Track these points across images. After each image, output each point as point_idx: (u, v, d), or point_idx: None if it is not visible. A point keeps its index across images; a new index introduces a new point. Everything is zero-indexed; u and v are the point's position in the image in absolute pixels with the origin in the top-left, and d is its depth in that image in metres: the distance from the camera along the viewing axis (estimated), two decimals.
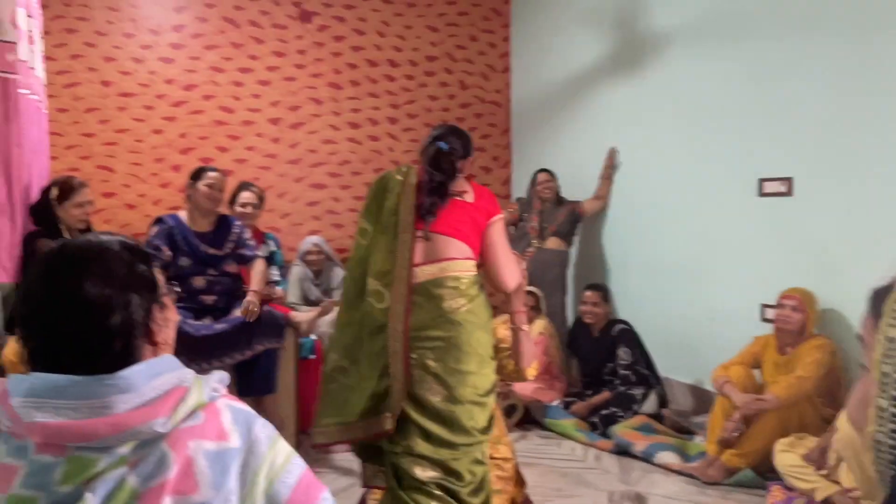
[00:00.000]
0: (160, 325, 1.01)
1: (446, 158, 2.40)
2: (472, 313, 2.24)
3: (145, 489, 0.87)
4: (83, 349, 0.93)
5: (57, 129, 4.85)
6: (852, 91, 3.35)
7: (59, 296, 0.93)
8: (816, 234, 3.54)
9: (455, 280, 2.25)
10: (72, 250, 0.98)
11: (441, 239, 2.29)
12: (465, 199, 2.39)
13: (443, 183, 2.36)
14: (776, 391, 3.21)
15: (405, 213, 2.31)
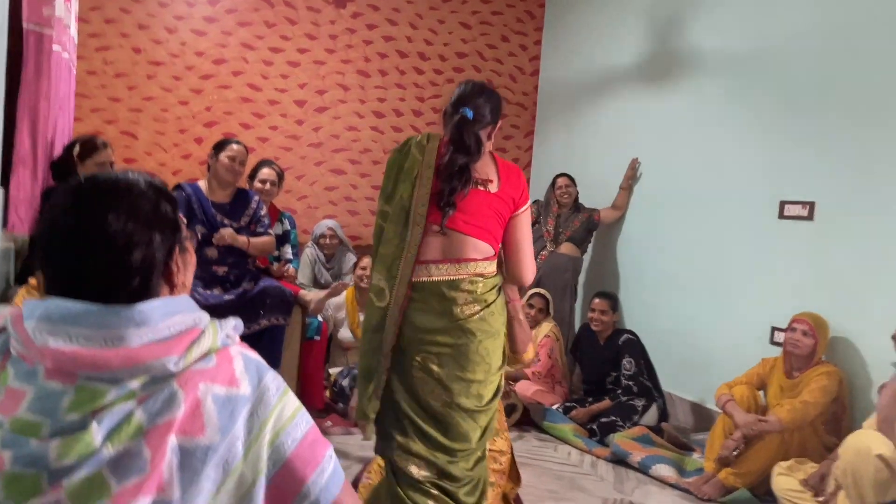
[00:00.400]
0: (179, 267, 1.01)
1: (471, 131, 2.12)
2: (485, 321, 2.08)
3: (152, 426, 0.87)
4: (101, 281, 0.92)
5: (84, 91, 4.88)
6: (879, 114, 3.32)
7: (82, 225, 0.93)
8: (834, 260, 3.51)
9: (472, 283, 2.07)
10: (100, 183, 0.97)
11: (459, 237, 2.09)
12: (490, 189, 2.14)
13: (466, 166, 2.09)
14: (780, 414, 3.18)
15: (419, 202, 2.09)
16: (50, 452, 0.84)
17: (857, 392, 3.34)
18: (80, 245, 0.92)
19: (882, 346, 3.21)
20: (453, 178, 2.08)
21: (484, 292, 2.09)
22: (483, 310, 2.08)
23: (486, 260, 2.12)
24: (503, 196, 2.15)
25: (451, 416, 2.05)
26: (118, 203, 0.95)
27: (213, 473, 0.88)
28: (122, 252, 0.93)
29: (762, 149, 3.95)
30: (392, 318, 2.06)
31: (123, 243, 0.93)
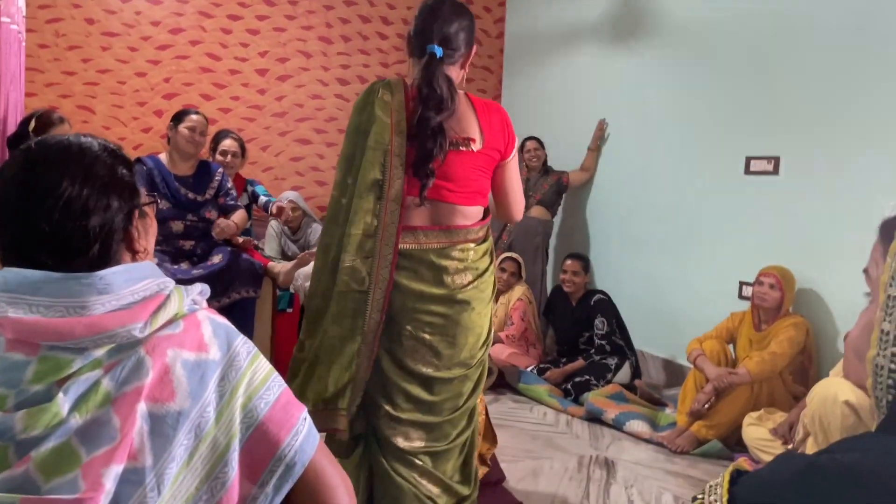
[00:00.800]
0: (140, 232, 0.98)
1: (441, 74, 1.84)
2: (479, 290, 1.95)
3: (120, 393, 0.85)
4: (60, 249, 0.89)
5: (36, 65, 4.72)
6: (842, 72, 3.35)
7: (36, 191, 0.89)
8: (800, 213, 3.56)
9: (462, 251, 1.92)
10: (51, 147, 0.94)
11: (444, 206, 1.91)
12: (472, 148, 1.89)
13: (440, 126, 1.83)
14: (749, 366, 3.25)
15: (394, 176, 1.85)
16: (16, 424, 0.81)
17: (824, 342, 3.42)
18: (34, 212, 0.89)
19: (847, 296, 3.28)
20: (427, 141, 1.82)
21: (476, 259, 1.95)
22: (476, 279, 1.95)
23: (476, 225, 1.96)
24: (487, 152, 1.95)
25: (442, 378, 1.94)
26: (72, 167, 0.91)
27: (185, 439, 0.87)
28: (79, 218, 0.90)
29: (727, 105, 3.97)
30: (377, 303, 1.85)
31: (80, 208, 0.90)
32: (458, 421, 2.04)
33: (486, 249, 2.00)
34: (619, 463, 3.13)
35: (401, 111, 1.87)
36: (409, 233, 1.90)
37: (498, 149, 1.97)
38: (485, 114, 1.95)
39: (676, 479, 2.98)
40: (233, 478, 0.91)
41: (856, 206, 3.30)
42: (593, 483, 2.90)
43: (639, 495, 2.81)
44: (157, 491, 0.84)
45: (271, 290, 3.80)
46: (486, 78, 6.15)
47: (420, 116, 1.83)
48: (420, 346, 1.92)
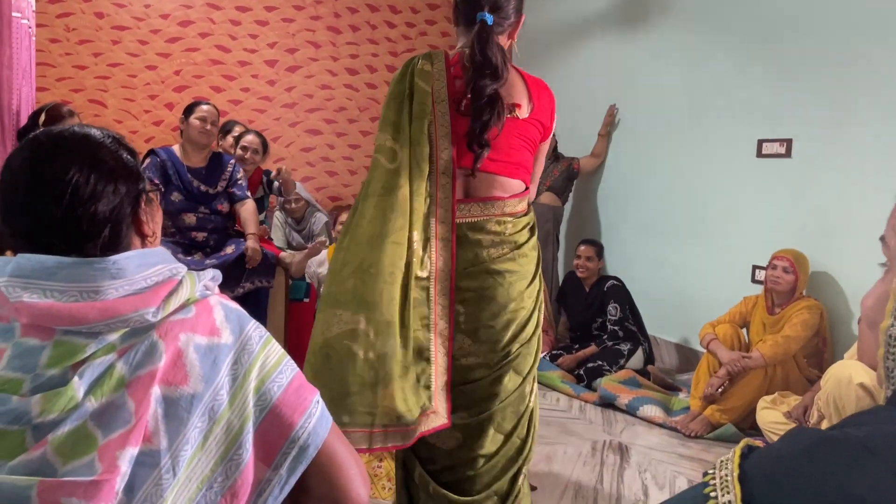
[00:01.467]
0: (148, 217, 1.00)
1: (494, 43, 1.72)
2: (516, 262, 1.79)
3: (134, 377, 0.86)
4: (71, 234, 0.91)
5: (48, 60, 4.75)
6: (855, 53, 3.31)
7: (45, 179, 0.91)
8: (813, 196, 3.53)
9: (500, 224, 1.78)
10: (57, 136, 0.95)
11: (484, 176, 1.77)
12: (519, 115, 1.78)
13: (496, 94, 1.71)
14: (762, 349, 3.23)
15: (441, 148, 1.73)
16: (32, 408, 0.82)
17: (838, 325, 3.40)
18: (44, 199, 0.90)
19: (861, 279, 3.26)
20: (483, 111, 1.70)
21: (513, 233, 1.80)
22: (513, 251, 1.79)
23: (514, 198, 1.81)
24: (533, 121, 1.83)
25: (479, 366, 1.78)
26: (79, 154, 0.93)
27: (200, 422, 0.88)
28: (88, 203, 0.91)
29: (739, 88, 3.93)
30: (443, 289, 1.72)
31: (89, 194, 0.91)
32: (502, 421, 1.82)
33: (525, 223, 1.85)
34: (632, 448, 3.13)
35: (441, 79, 1.76)
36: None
37: (542, 121, 1.86)
38: (534, 86, 1.86)
39: (690, 463, 2.98)
40: (247, 460, 0.92)
41: (869, 189, 3.27)
42: (607, 468, 2.91)
43: (653, 479, 2.81)
44: (172, 473, 0.85)
45: (284, 280, 3.82)
46: None
47: (475, 85, 1.71)
48: (456, 331, 1.76)
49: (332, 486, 0.98)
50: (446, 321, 1.73)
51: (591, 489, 2.70)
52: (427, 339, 1.70)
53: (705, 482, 1.02)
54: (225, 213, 3.69)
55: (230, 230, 3.74)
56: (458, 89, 1.76)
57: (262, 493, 0.94)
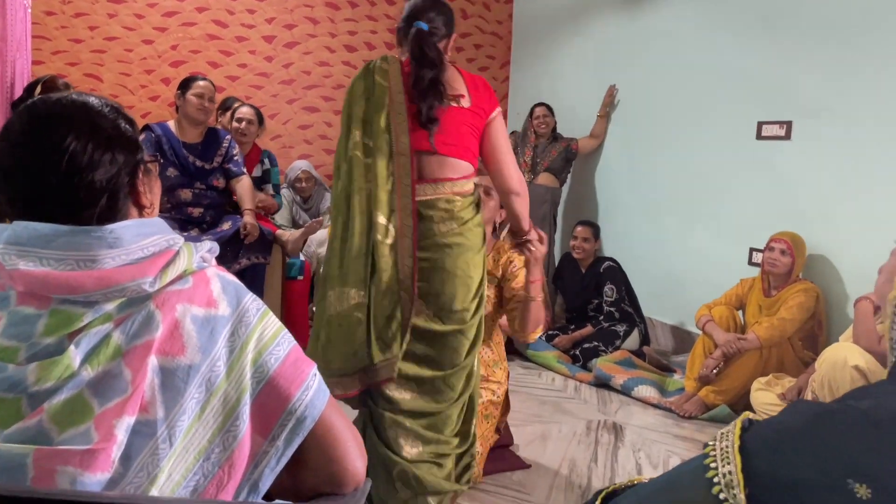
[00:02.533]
0: (146, 187, 0.98)
1: (431, 43, 2.04)
2: (462, 236, 2.04)
3: (130, 347, 0.85)
4: (67, 202, 0.90)
5: (44, 33, 4.70)
6: (853, 36, 3.29)
7: (42, 146, 0.89)
8: (811, 179, 3.53)
9: (448, 202, 2.03)
10: (55, 103, 0.93)
11: (436, 157, 2.04)
12: (462, 104, 2.06)
13: (436, 78, 2.01)
14: (758, 331, 3.24)
15: (399, 131, 2.00)
16: (28, 377, 0.82)
17: (834, 308, 3.41)
18: (41, 166, 0.89)
19: (858, 262, 3.27)
20: (427, 94, 2.00)
21: (461, 209, 2.05)
22: (460, 226, 2.04)
23: (463, 179, 2.07)
24: (476, 109, 2.09)
25: (435, 331, 2.02)
26: (76, 121, 0.92)
27: (197, 393, 0.88)
28: (86, 171, 0.90)
29: (739, 70, 3.91)
30: (406, 250, 2.00)
31: (86, 162, 0.90)
32: (454, 380, 2.07)
33: (471, 202, 2.10)
34: (627, 427, 3.15)
35: (397, 76, 2.05)
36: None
37: (483, 107, 2.11)
38: (470, 79, 2.13)
39: (685, 443, 3.00)
40: (244, 431, 0.91)
41: (868, 173, 3.26)
42: (601, 447, 2.93)
43: (647, 459, 2.83)
44: (168, 443, 0.85)
45: (280, 257, 3.81)
46: (494, 44, 6.09)
47: (416, 75, 2.02)
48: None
49: (329, 459, 0.98)
50: (410, 281, 1.99)
51: (585, 468, 2.72)
52: (394, 300, 1.99)
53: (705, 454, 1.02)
54: (221, 188, 3.68)
55: (226, 206, 3.72)
56: (409, 85, 2.05)
57: (259, 465, 0.94)
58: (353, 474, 0.99)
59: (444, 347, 2.05)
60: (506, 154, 2.16)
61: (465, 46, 5.96)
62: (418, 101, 2.01)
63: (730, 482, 0.96)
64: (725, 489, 0.96)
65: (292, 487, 1.00)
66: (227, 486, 0.90)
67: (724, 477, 0.97)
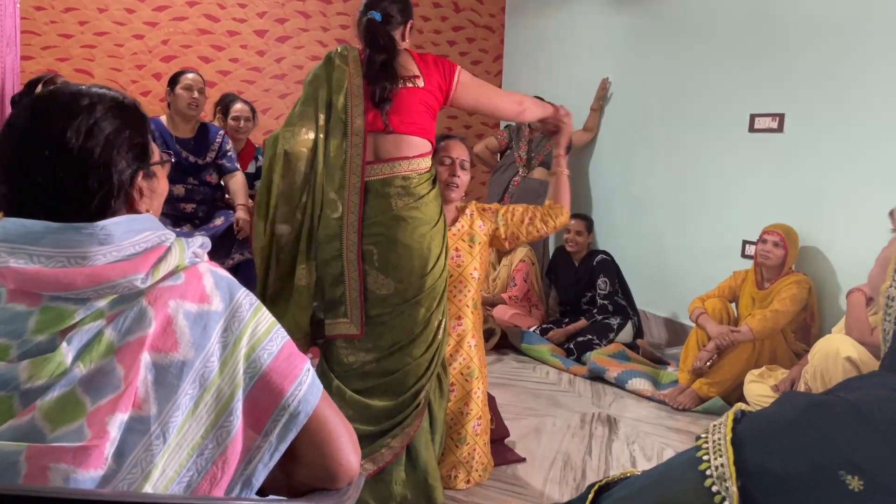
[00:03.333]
0: (144, 193, 0.98)
1: (382, 31, 2.17)
2: (418, 209, 2.15)
3: (123, 343, 0.85)
4: (54, 204, 0.89)
5: (33, 28, 4.67)
6: (848, 27, 3.30)
7: (36, 142, 0.89)
8: (804, 171, 3.54)
9: (405, 179, 2.14)
10: (60, 97, 0.93)
11: (392, 136, 2.15)
12: (417, 84, 2.18)
13: (387, 62, 2.14)
14: (751, 323, 3.26)
15: (355, 114, 2.13)
16: (20, 374, 0.82)
17: (827, 300, 3.42)
18: (31, 163, 0.89)
19: (850, 254, 3.28)
20: (379, 76, 2.12)
21: (417, 185, 2.15)
22: (416, 200, 2.14)
23: (419, 157, 2.17)
24: (431, 89, 2.20)
25: (390, 299, 2.14)
26: (77, 119, 0.91)
27: (190, 389, 0.87)
28: (77, 174, 0.90)
29: (731, 62, 3.92)
30: (352, 226, 2.13)
31: (78, 164, 0.90)
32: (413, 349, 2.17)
33: (426, 178, 2.19)
34: (621, 420, 3.16)
35: (356, 61, 2.18)
36: (369, 167, 2.15)
37: (439, 84, 2.22)
38: (421, 61, 2.23)
39: (678, 436, 3.01)
40: (238, 427, 0.91)
41: (860, 165, 3.27)
42: (595, 440, 2.94)
43: (640, 451, 2.84)
44: (162, 439, 0.85)
45: None
46: (487, 37, 6.07)
47: (369, 59, 2.15)
48: (371, 269, 2.15)
49: (322, 454, 0.98)
50: (355, 253, 2.13)
51: (579, 460, 2.73)
52: (340, 266, 2.14)
53: (698, 446, 1.03)
54: (214, 184, 3.67)
55: (219, 202, 3.71)
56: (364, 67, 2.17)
57: (252, 460, 0.94)
58: (346, 469, 0.99)
59: (400, 315, 2.16)
60: (491, 96, 2.36)
61: (457, 40, 5.94)
62: (372, 84, 2.13)
63: (722, 475, 0.96)
64: (718, 482, 0.96)
65: (285, 482, 1.00)
66: (220, 482, 0.90)
67: (716, 469, 0.97)
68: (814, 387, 2.76)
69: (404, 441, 2.18)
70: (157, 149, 1.03)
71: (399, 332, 2.17)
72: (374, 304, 2.16)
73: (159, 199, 1.05)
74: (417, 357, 2.18)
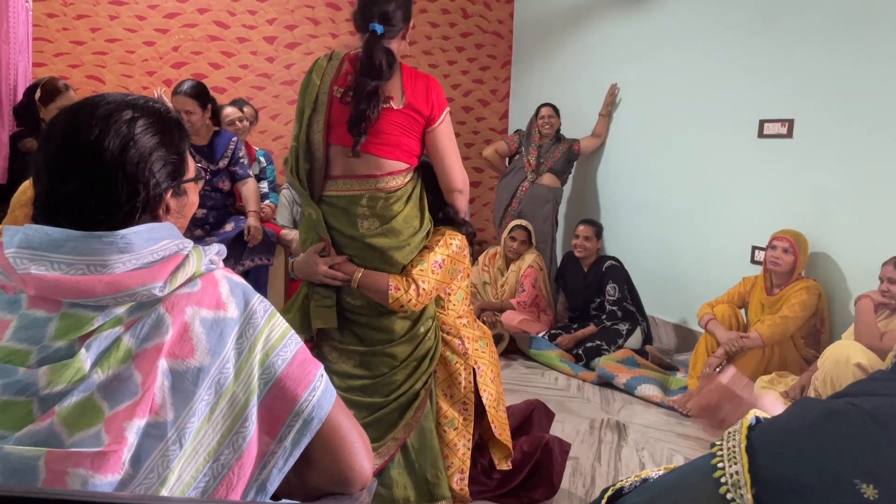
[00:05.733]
0: (171, 211, 0.99)
1: (381, 49, 2.02)
2: (384, 237, 2.09)
3: (140, 350, 0.86)
4: (85, 209, 0.90)
5: (45, 35, 4.71)
6: (856, 34, 3.29)
7: (77, 145, 0.90)
8: (814, 177, 3.53)
9: (372, 199, 2.08)
10: (107, 104, 0.94)
11: (365, 156, 2.08)
12: (393, 105, 2.07)
13: (376, 90, 2.02)
14: (760, 330, 3.25)
15: (315, 129, 2.09)
16: (39, 380, 0.83)
17: (836, 306, 3.41)
18: (68, 166, 0.90)
19: (860, 260, 3.27)
20: (361, 102, 2.02)
21: (382, 207, 2.09)
22: (382, 225, 2.09)
23: (388, 175, 2.10)
24: (408, 112, 2.10)
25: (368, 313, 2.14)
26: (117, 129, 0.92)
27: (206, 395, 0.88)
28: (107, 183, 0.91)
29: (740, 68, 3.91)
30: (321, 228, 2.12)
31: (110, 174, 0.91)
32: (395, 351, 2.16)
33: (397, 197, 2.11)
34: (630, 426, 3.15)
35: (331, 74, 2.10)
36: (333, 181, 2.12)
37: (420, 111, 2.11)
38: (410, 79, 2.12)
39: (687, 442, 3.00)
40: (253, 433, 0.92)
41: (870, 170, 3.26)
42: (605, 446, 2.93)
43: (650, 457, 2.84)
44: (178, 444, 0.85)
45: (284, 257, 3.82)
46: (495, 44, 6.09)
47: (358, 82, 2.04)
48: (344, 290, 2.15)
49: (335, 459, 0.98)
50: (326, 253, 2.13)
51: (588, 466, 2.72)
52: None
53: (712, 453, 1.03)
54: (226, 190, 3.69)
55: (230, 207, 3.73)
56: (348, 83, 2.08)
57: (267, 465, 0.94)
58: (359, 474, 1.00)
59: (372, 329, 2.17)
60: (451, 157, 2.20)
61: (466, 46, 5.96)
62: (352, 104, 2.05)
63: (737, 482, 0.96)
64: (732, 489, 0.96)
65: (299, 487, 1.01)
66: (236, 487, 0.91)
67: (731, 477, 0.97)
68: (823, 393, 2.75)
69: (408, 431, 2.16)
70: (192, 164, 1.04)
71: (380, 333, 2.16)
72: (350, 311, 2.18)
73: (187, 215, 1.06)
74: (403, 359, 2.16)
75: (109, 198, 0.91)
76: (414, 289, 2.12)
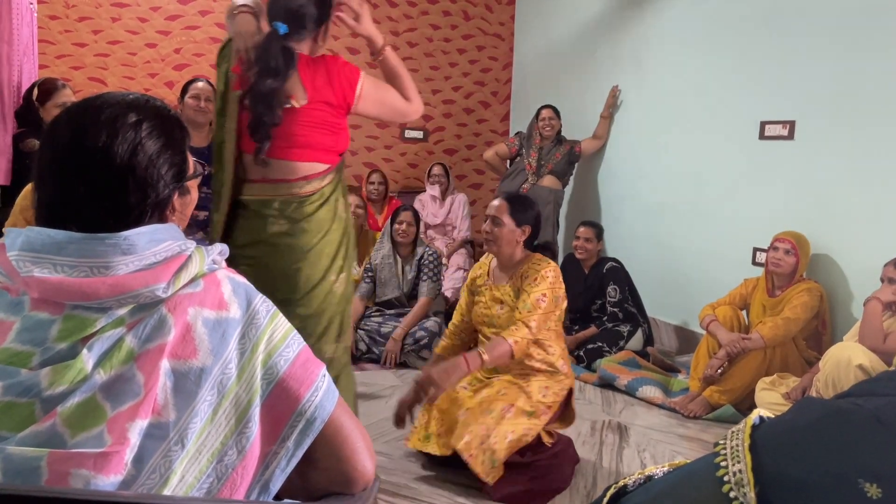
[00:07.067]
0: (177, 209, 1.00)
1: (277, 48, 1.90)
2: (291, 236, 2.04)
3: (143, 350, 0.86)
4: (94, 212, 0.90)
5: (48, 37, 4.72)
6: (857, 36, 3.29)
7: (85, 150, 0.90)
8: (815, 178, 3.53)
9: (283, 203, 2.04)
10: (109, 108, 0.93)
11: (274, 162, 2.02)
12: (294, 104, 1.97)
13: (274, 91, 1.91)
14: (762, 331, 3.24)
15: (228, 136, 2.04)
16: (41, 381, 0.83)
17: (838, 307, 3.41)
18: (77, 172, 0.90)
19: (862, 261, 3.27)
20: (257, 106, 1.93)
21: (293, 210, 2.04)
22: (291, 225, 2.04)
23: (301, 180, 2.04)
24: (315, 106, 2.00)
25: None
26: (124, 134, 0.92)
27: (209, 395, 0.88)
28: (119, 187, 0.91)
29: (741, 70, 3.92)
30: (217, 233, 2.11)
31: (121, 179, 0.91)
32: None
33: (308, 201, 2.05)
34: (631, 428, 3.15)
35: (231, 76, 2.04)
36: (249, 185, 2.09)
37: (328, 101, 2.01)
38: (307, 70, 1.99)
39: (689, 443, 3.00)
40: (256, 433, 0.92)
41: (871, 172, 3.26)
42: (606, 447, 2.93)
43: (651, 459, 2.83)
44: (180, 445, 0.85)
45: None
46: (497, 45, 6.09)
47: (256, 83, 1.92)
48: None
49: (338, 459, 0.98)
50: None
51: (590, 468, 2.72)
52: None
53: (716, 452, 1.03)
54: None
55: None
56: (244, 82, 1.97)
57: (270, 466, 0.94)
58: (362, 474, 1.00)
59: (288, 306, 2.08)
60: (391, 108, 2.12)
61: (467, 48, 5.96)
62: (252, 112, 1.96)
63: (740, 480, 0.97)
64: (736, 487, 0.96)
65: (302, 487, 1.01)
66: (239, 488, 0.91)
67: (734, 475, 0.97)
68: (825, 394, 2.75)
69: None
70: (191, 160, 1.04)
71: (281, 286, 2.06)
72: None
73: (188, 211, 1.07)
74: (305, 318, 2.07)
75: (120, 202, 0.92)
76: (526, 330, 2.30)
